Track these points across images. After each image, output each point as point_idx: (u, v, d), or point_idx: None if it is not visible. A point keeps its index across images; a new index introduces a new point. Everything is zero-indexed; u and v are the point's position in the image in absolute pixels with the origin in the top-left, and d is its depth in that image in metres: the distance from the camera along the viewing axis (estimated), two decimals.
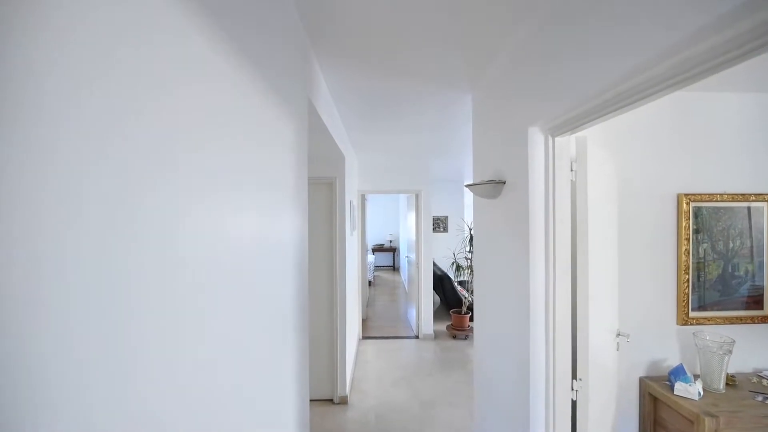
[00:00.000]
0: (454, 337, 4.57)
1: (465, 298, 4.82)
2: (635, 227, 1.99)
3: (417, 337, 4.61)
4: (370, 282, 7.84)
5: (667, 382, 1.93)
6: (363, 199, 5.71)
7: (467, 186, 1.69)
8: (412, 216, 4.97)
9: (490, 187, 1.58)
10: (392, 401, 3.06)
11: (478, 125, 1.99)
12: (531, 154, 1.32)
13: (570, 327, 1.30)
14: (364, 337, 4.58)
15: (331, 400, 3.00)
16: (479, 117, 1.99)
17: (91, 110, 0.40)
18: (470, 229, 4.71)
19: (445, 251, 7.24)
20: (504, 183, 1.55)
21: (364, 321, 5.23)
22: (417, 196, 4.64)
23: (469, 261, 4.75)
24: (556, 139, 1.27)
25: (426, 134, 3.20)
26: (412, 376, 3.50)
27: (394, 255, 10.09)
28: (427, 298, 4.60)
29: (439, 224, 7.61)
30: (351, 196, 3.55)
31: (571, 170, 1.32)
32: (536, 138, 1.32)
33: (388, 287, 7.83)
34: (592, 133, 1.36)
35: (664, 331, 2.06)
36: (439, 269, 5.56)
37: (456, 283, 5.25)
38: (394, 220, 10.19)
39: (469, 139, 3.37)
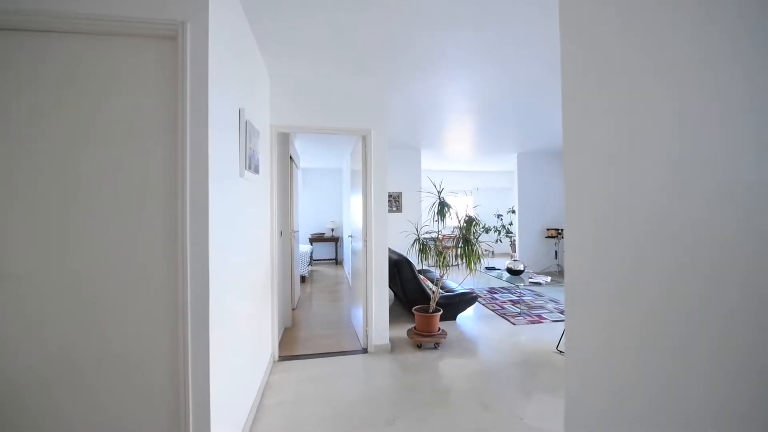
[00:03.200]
0: (419, 346, 3.15)
1: (432, 291, 3.42)
2: None
3: (365, 350, 3.09)
4: (303, 278, 6.15)
5: None
6: (291, 162, 4.05)
7: None
8: (358, 198, 3.37)
9: None
10: None
11: None
12: None
13: None
14: (282, 358, 2.93)
15: None
16: None
17: None
18: (440, 193, 3.34)
19: (400, 231, 5.85)
20: None
21: (287, 331, 3.57)
22: (364, 140, 3.13)
23: (433, 240, 3.35)
24: None
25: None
26: (360, 430, 1.97)
27: (336, 246, 8.47)
28: (380, 293, 3.12)
29: (392, 202, 6.20)
30: (242, 103, 1.90)
31: None
32: None
33: (329, 283, 6.22)
34: None
35: None
36: (395, 253, 4.12)
37: (416, 271, 3.85)
38: (337, 204, 8.59)
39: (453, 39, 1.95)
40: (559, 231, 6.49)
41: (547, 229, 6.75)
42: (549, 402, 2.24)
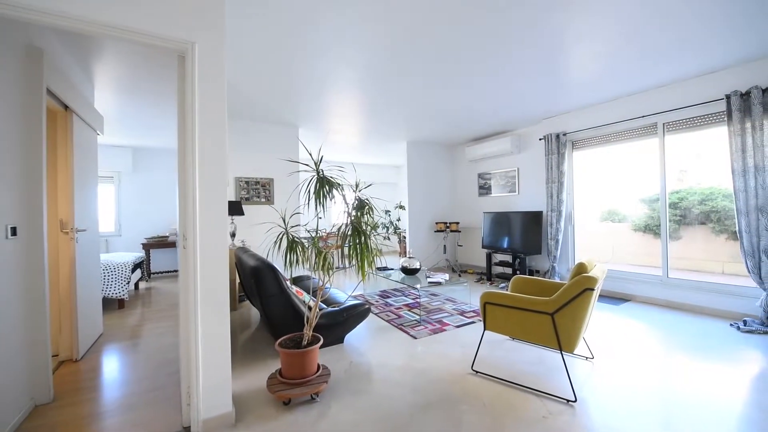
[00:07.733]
0: (287, 402, 2.00)
1: (309, 307, 2.31)
2: None
3: (187, 431, 1.76)
4: (121, 301, 4.20)
5: None
6: (69, 113, 2.35)
7: None
8: (183, 167, 1.86)
9: None
10: None
11: None
12: None
13: None
14: None
15: None
16: None
17: None
18: (317, 163, 2.26)
19: (267, 223, 4.50)
20: None
21: (37, 415, 1.90)
22: (183, 63, 1.79)
23: (311, 236, 2.24)
24: None
25: None
26: None
27: None
28: (213, 326, 1.83)
29: (259, 192, 4.78)
30: None
31: None
32: None
33: (167, 306, 4.39)
34: None
35: None
36: (255, 257, 2.84)
37: (285, 280, 2.67)
38: None
39: None
40: (448, 224, 6.24)
41: (436, 223, 6.45)
42: None
